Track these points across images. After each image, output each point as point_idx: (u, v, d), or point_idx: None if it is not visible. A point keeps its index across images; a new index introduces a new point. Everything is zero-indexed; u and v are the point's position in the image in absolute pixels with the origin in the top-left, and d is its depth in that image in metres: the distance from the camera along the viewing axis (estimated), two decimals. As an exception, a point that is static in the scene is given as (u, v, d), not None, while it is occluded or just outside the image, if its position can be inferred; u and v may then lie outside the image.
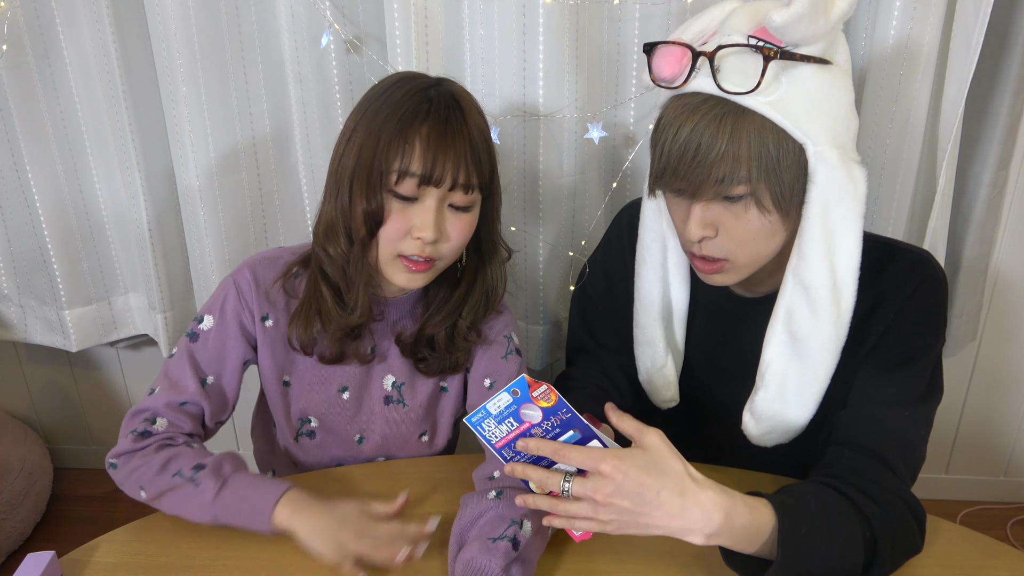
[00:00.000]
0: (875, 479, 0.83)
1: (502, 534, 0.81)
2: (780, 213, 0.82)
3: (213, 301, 1.00)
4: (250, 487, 0.89)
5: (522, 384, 0.76)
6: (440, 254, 0.91)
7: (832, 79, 0.80)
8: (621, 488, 0.72)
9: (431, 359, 1.02)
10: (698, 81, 0.79)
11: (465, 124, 0.87)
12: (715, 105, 0.78)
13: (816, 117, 0.78)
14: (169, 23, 1.32)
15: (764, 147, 0.78)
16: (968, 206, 1.46)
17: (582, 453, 0.74)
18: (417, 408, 1.07)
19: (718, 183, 0.79)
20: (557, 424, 0.77)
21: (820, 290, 0.84)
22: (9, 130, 1.50)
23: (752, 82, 0.76)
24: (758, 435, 0.95)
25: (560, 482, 0.74)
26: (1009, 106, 1.36)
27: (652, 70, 0.83)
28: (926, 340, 0.90)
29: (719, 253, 0.86)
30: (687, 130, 0.79)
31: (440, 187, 0.86)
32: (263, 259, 1.02)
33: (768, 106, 0.77)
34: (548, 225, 1.40)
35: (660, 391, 1.05)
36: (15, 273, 1.66)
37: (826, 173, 0.79)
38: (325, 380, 1.04)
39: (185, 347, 0.98)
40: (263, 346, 1.01)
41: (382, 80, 0.92)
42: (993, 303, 1.65)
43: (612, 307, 1.09)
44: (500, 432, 0.78)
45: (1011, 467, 1.86)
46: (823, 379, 0.89)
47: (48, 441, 2.02)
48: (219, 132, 1.41)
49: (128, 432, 0.94)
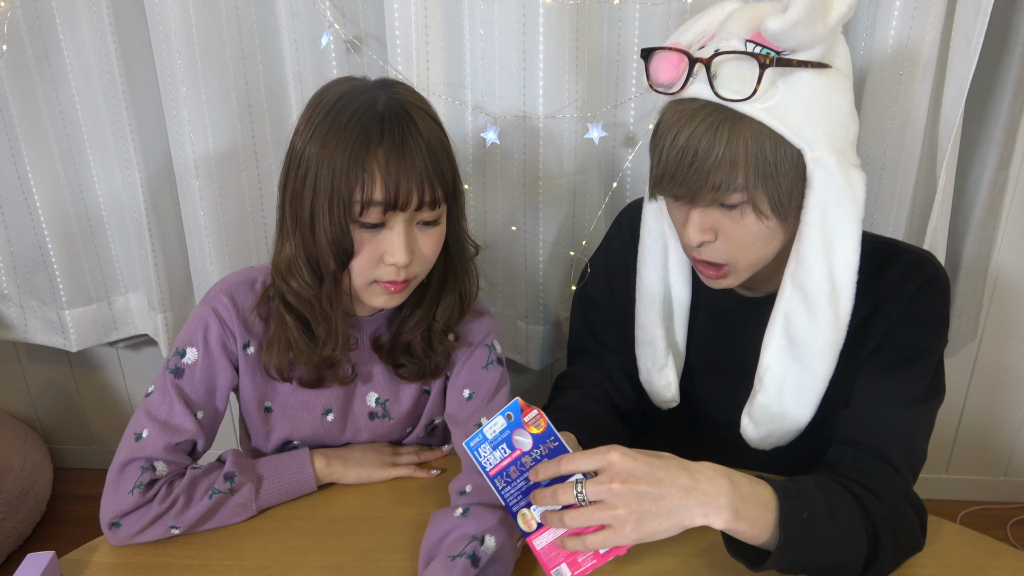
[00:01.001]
0: (877, 476, 0.83)
1: (461, 551, 0.82)
2: (778, 218, 0.82)
3: (192, 332, 0.95)
4: (280, 465, 0.98)
5: (515, 408, 0.77)
6: (415, 273, 0.89)
7: (831, 83, 0.79)
8: (634, 471, 0.72)
9: (409, 365, 1.00)
10: (695, 87, 0.79)
11: (420, 136, 0.82)
12: (712, 111, 0.78)
13: (814, 122, 0.78)
14: (169, 23, 1.32)
15: (761, 153, 0.78)
16: (968, 206, 1.46)
17: (585, 455, 0.74)
18: (402, 418, 1.07)
19: (715, 190, 0.79)
20: (545, 453, 0.77)
21: (818, 294, 0.84)
22: (9, 130, 1.50)
23: (748, 89, 0.76)
24: (757, 439, 0.95)
25: (573, 492, 0.73)
26: (1009, 106, 1.36)
27: (650, 75, 0.83)
28: (928, 341, 0.90)
29: (719, 258, 0.86)
30: (684, 136, 0.79)
31: (406, 210, 0.83)
32: (238, 284, 0.97)
33: (765, 112, 0.77)
34: (548, 225, 1.40)
35: (660, 391, 1.05)
36: (15, 273, 1.66)
37: (824, 178, 0.79)
38: (308, 404, 1.02)
39: (171, 384, 0.93)
40: (244, 374, 0.98)
41: (321, 93, 0.87)
42: (993, 303, 1.65)
43: (613, 307, 1.09)
44: (494, 459, 0.78)
45: (1011, 467, 1.86)
46: (821, 382, 0.89)
47: (48, 441, 2.02)
48: (219, 132, 1.41)
49: (127, 490, 0.89)
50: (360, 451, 1.04)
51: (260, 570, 0.87)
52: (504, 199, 1.40)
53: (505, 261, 1.47)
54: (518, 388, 1.74)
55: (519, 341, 1.54)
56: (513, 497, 0.78)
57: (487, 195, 1.40)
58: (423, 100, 0.88)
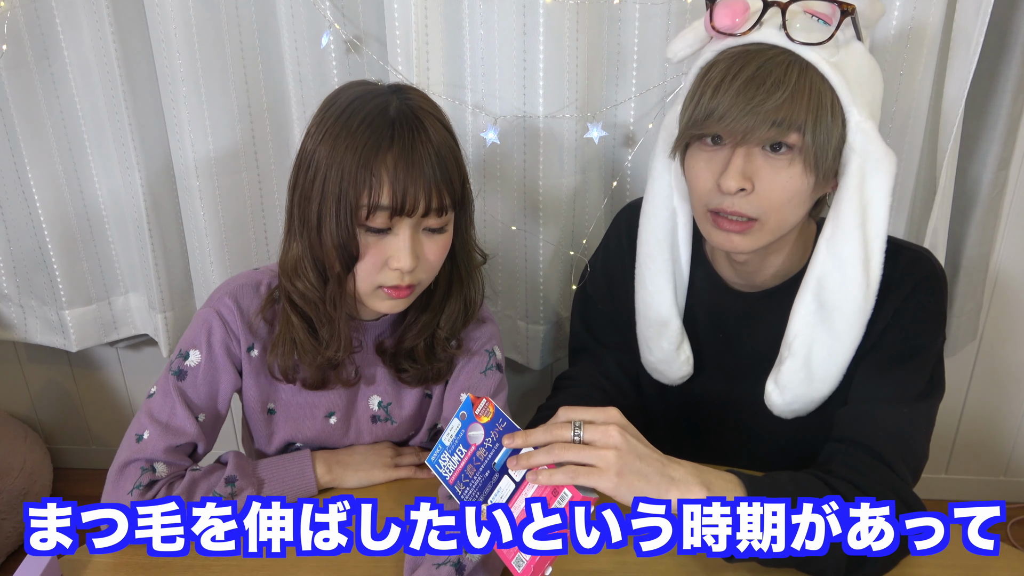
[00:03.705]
0: (868, 474, 0.83)
1: (446, 559, 0.81)
2: (817, 176, 0.82)
3: (195, 334, 0.95)
4: (282, 470, 0.97)
5: (467, 405, 0.76)
6: (420, 279, 0.89)
7: (875, 64, 0.84)
8: (629, 427, 0.75)
9: (412, 370, 1.00)
10: (763, 31, 0.81)
11: (430, 143, 0.82)
12: (780, 53, 0.80)
13: (863, 90, 0.81)
14: (169, 23, 1.32)
15: (822, 103, 0.80)
16: (968, 206, 1.46)
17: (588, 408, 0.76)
18: (404, 421, 1.07)
19: (776, 125, 0.79)
20: (496, 438, 0.76)
21: (853, 258, 0.85)
22: (9, 130, 1.50)
23: (820, 37, 0.79)
24: (782, 404, 0.94)
25: (570, 430, 0.74)
26: (1009, 106, 1.35)
27: (714, 17, 0.83)
28: (926, 338, 0.90)
29: (751, 211, 0.84)
30: (750, 70, 0.79)
31: (413, 216, 0.83)
32: (243, 286, 0.97)
33: (831, 66, 0.79)
34: (548, 225, 1.40)
35: (678, 368, 1.03)
36: (15, 273, 1.66)
37: (865, 144, 0.82)
38: (311, 407, 1.02)
39: (173, 386, 0.94)
40: (248, 376, 0.98)
41: (334, 95, 0.87)
42: (993, 303, 1.65)
43: (612, 306, 1.09)
44: (452, 464, 0.77)
45: (1011, 467, 1.86)
46: (848, 350, 0.90)
47: (48, 441, 2.02)
48: (219, 132, 1.41)
49: (126, 491, 0.90)
50: (361, 454, 1.04)
51: (260, 570, 0.87)
52: (504, 199, 1.40)
53: (505, 261, 1.47)
54: (519, 388, 1.75)
55: (519, 341, 1.54)
56: (472, 496, 0.76)
57: (487, 195, 1.40)
58: (436, 107, 0.88)
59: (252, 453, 1.11)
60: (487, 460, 0.76)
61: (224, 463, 0.95)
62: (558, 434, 0.73)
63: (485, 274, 1.01)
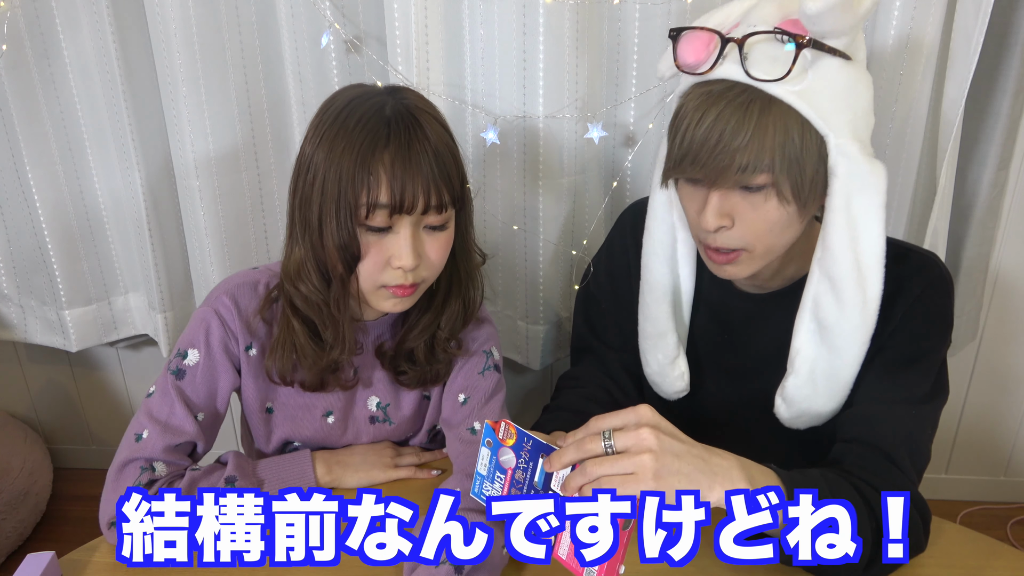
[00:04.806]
0: (882, 475, 0.83)
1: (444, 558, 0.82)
2: (798, 204, 0.82)
3: (193, 334, 0.95)
4: (282, 471, 0.96)
5: (489, 432, 0.76)
6: (423, 277, 0.89)
7: (855, 75, 0.81)
8: (661, 424, 0.73)
9: (411, 372, 1.00)
10: (724, 68, 0.80)
11: (427, 140, 0.83)
12: (741, 92, 0.78)
13: (839, 110, 0.79)
14: (169, 23, 1.32)
15: (789, 137, 0.78)
16: (968, 206, 1.46)
17: (615, 412, 0.74)
18: (403, 423, 1.07)
19: (740, 171, 0.79)
20: (528, 458, 0.76)
21: (845, 280, 0.84)
22: (9, 130, 1.50)
23: (781, 70, 0.77)
24: (789, 418, 0.95)
25: (601, 441, 0.72)
26: (1009, 106, 1.36)
27: (677, 56, 0.82)
28: (933, 341, 0.90)
29: (735, 243, 0.85)
30: (711, 116, 0.78)
31: (412, 213, 0.83)
32: (241, 285, 0.97)
33: (795, 96, 0.77)
34: (549, 225, 1.40)
35: (672, 383, 1.04)
36: (15, 273, 1.66)
37: (847, 166, 0.80)
38: (309, 406, 1.02)
39: (172, 385, 0.93)
40: (247, 375, 0.98)
41: (331, 99, 0.88)
42: (993, 303, 1.65)
43: (616, 307, 1.09)
44: (496, 491, 0.77)
45: (1011, 467, 1.86)
46: (852, 366, 0.89)
47: (48, 441, 2.02)
48: (219, 132, 1.41)
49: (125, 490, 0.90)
50: (361, 454, 1.04)
51: (260, 570, 0.87)
52: (504, 199, 1.40)
53: (505, 261, 1.47)
54: (519, 388, 1.75)
55: (519, 341, 1.54)
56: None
57: (487, 195, 1.40)
58: (432, 106, 0.89)
59: (252, 452, 1.11)
60: (527, 481, 0.76)
61: (224, 463, 0.95)
62: (589, 449, 0.72)
63: (485, 274, 1.01)
